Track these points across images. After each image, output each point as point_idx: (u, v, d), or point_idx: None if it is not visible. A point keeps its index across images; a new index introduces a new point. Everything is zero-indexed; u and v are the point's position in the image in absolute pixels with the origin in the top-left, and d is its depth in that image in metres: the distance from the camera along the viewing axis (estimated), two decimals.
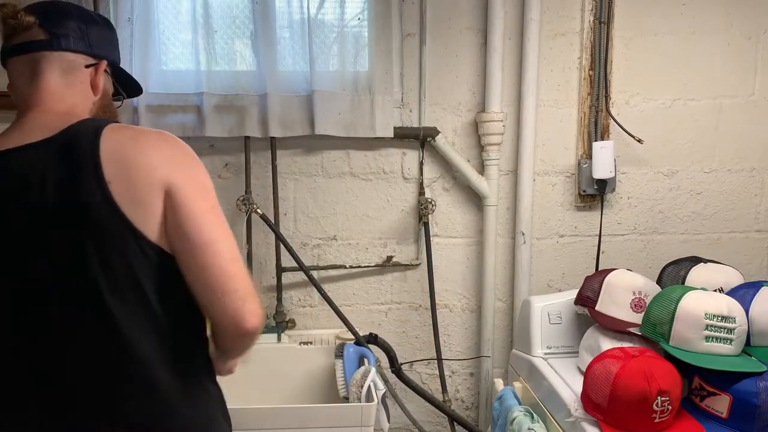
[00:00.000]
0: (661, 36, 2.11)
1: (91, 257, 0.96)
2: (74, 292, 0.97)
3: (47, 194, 0.96)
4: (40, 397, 0.99)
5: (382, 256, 2.16)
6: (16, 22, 1.05)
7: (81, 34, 1.09)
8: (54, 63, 1.07)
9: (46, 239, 0.97)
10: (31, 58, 1.06)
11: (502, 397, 1.79)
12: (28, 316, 0.99)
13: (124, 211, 0.96)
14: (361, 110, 2.01)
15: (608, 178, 2.10)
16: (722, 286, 1.68)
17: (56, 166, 0.97)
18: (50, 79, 1.07)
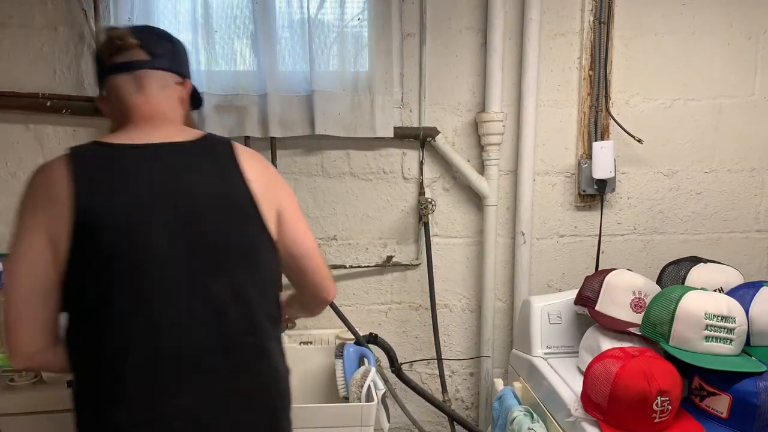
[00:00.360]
0: (661, 36, 2.12)
1: (231, 234, 1.17)
2: (212, 262, 1.15)
3: (200, 181, 1.17)
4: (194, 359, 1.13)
5: (382, 256, 2.16)
6: (122, 43, 1.22)
7: (172, 55, 1.28)
8: (153, 80, 1.24)
9: (196, 216, 1.15)
10: (135, 75, 1.23)
11: (502, 397, 1.79)
12: (165, 281, 1.13)
13: (258, 204, 1.20)
14: (361, 110, 2.01)
15: (608, 178, 2.10)
16: (722, 286, 1.68)
17: (207, 161, 1.19)
18: (153, 92, 1.24)
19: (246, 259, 1.19)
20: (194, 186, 1.16)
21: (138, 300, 1.10)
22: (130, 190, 1.12)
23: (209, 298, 1.14)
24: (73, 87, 1.97)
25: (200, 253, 1.14)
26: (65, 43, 1.96)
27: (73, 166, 1.12)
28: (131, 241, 1.10)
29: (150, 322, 1.11)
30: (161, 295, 1.11)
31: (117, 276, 1.09)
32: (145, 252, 1.11)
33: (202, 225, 1.15)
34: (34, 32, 1.95)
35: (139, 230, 1.11)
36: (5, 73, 1.95)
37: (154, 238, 1.11)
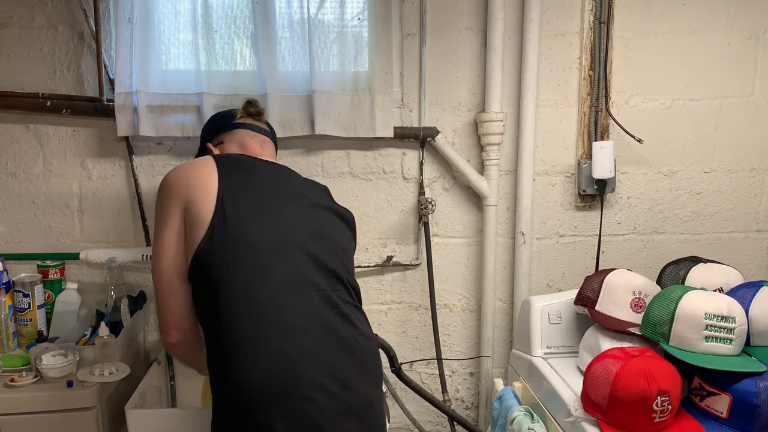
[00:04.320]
0: (661, 36, 2.12)
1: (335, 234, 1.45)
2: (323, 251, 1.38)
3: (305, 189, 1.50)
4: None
5: (382, 256, 2.16)
6: (259, 110, 1.67)
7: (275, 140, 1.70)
8: (271, 146, 1.65)
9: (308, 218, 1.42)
10: (261, 138, 1.62)
11: (502, 397, 1.79)
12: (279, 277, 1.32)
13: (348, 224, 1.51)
14: (361, 110, 2.01)
15: (608, 178, 2.10)
16: (722, 286, 1.68)
17: (304, 178, 1.55)
18: (270, 151, 1.64)
19: (341, 248, 1.42)
20: (310, 193, 1.48)
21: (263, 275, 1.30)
22: (256, 175, 1.42)
23: (322, 263, 1.34)
24: (73, 87, 1.97)
25: (315, 236, 1.37)
26: (65, 43, 1.96)
27: (215, 159, 1.41)
28: (262, 228, 1.33)
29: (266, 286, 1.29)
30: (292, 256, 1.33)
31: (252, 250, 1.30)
32: (278, 221, 1.35)
33: (309, 222, 1.40)
34: (34, 32, 1.95)
35: (268, 202, 1.37)
36: (5, 73, 1.95)
37: (283, 211, 1.38)
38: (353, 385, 1.27)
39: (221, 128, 1.61)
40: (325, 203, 1.48)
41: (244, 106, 1.63)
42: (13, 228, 2.02)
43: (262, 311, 1.25)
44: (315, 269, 1.32)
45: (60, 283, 1.94)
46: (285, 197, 1.41)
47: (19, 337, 1.82)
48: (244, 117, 1.62)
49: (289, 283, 1.29)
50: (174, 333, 1.33)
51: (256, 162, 1.48)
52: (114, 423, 1.68)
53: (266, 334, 1.23)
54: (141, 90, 1.90)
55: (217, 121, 1.66)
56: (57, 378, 1.63)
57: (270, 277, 1.28)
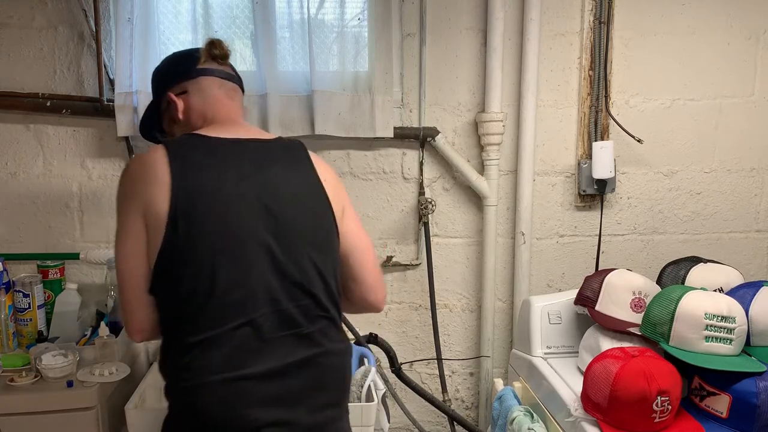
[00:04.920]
0: (661, 36, 2.12)
1: (310, 222, 1.27)
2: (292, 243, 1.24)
3: (281, 174, 1.28)
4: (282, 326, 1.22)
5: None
6: (224, 52, 1.38)
7: None
8: (240, 96, 1.42)
9: (279, 203, 1.25)
10: (230, 86, 1.39)
11: (502, 397, 1.79)
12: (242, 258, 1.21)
13: (330, 200, 1.30)
14: (361, 110, 2.01)
15: (608, 178, 2.10)
16: (722, 286, 1.68)
17: (286, 157, 1.32)
18: (239, 104, 1.40)
19: (322, 247, 1.27)
20: (278, 179, 1.26)
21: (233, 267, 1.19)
22: (223, 177, 1.22)
23: (289, 276, 1.22)
24: (73, 87, 1.97)
25: (283, 238, 1.23)
26: (65, 43, 1.96)
27: (169, 152, 1.21)
28: (225, 220, 1.19)
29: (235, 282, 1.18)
30: (249, 271, 1.20)
31: (211, 252, 1.17)
32: (236, 232, 1.19)
33: (286, 213, 1.24)
34: (34, 32, 1.95)
35: (230, 213, 1.20)
36: (5, 73, 1.95)
37: (244, 220, 1.20)
38: (298, 410, 1.19)
39: (184, 74, 1.37)
40: (299, 188, 1.29)
41: (207, 47, 1.37)
42: (13, 228, 2.02)
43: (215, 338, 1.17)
44: (278, 283, 1.20)
45: (60, 283, 1.94)
46: (250, 196, 1.22)
47: (19, 337, 1.82)
48: (208, 61, 1.37)
49: (242, 302, 1.18)
50: (138, 336, 1.25)
51: (217, 148, 1.26)
52: (114, 423, 1.67)
53: (218, 364, 1.16)
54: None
55: (179, 65, 1.40)
56: (57, 378, 1.63)
57: (224, 297, 1.17)
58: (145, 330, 1.23)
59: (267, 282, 1.20)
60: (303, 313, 1.23)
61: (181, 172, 1.19)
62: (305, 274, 1.24)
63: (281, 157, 1.31)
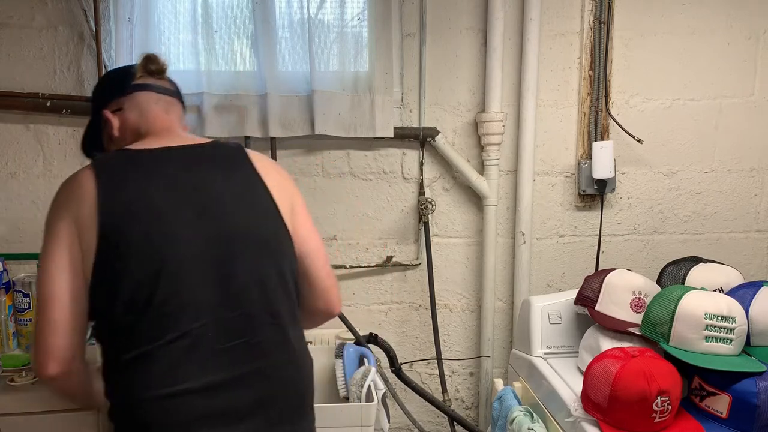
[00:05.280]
0: (661, 36, 2.12)
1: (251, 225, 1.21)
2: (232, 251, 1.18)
3: (216, 177, 1.22)
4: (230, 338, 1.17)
5: (382, 256, 2.16)
6: (159, 67, 1.36)
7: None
8: (178, 110, 1.37)
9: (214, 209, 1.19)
10: (166, 99, 1.35)
11: (502, 397, 1.79)
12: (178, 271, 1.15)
13: (274, 198, 1.24)
14: (361, 110, 2.01)
15: (608, 178, 2.10)
16: (722, 286, 1.68)
17: (221, 159, 1.26)
18: (177, 116, 1.36)
19: (267, 249, 1.21)
20: (211, 181, 1.21)
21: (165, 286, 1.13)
22: (151, 187, 1.17)
23: (230, 283, 1.16)
24: (73, 87, 1.97)
25: (221, 242, 1.17)
26: (65, 43, 1.96)
27: (96, 170, 1.17)
28: (155, 232, 1.14)
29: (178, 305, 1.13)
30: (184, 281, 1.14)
31: (145, 265, 1.12)
32: (168, 243, 1.14)
33: (221, 215, 1.19)
34: (34, 32, 1.95)
35: (161, 223, 1.14)
36: (5, 73, 1.95)
37: (175, 229, 1.15)
38: (245, 428, 1.15)
39: (120, 90, 1.34)
40: (237, 189, 1.22)
41: (143, 62, 1.35)
42: (13, 228, 2.02)
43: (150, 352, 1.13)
44: (217, 291, 1.15)
45: None
46: (182, 204, 1.17)
47: (19, 337, 1.82)
48: (144, 77, 1.34)
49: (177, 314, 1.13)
50: (53, 365, 1.12)
51: (145, 159, 1.21)
52: None
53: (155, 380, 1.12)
54: None
55: (114, 81, 1.39)
56: None
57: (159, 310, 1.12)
58: (64, 359, 1.12)
59: (205, 291, 1.14)
60: (248, 322, 1.17)
61: (107, 189, 1.15)
62: (249, 280, 1.17)
63: (215, 160, 1.25)
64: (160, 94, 1.34)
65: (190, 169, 1.22)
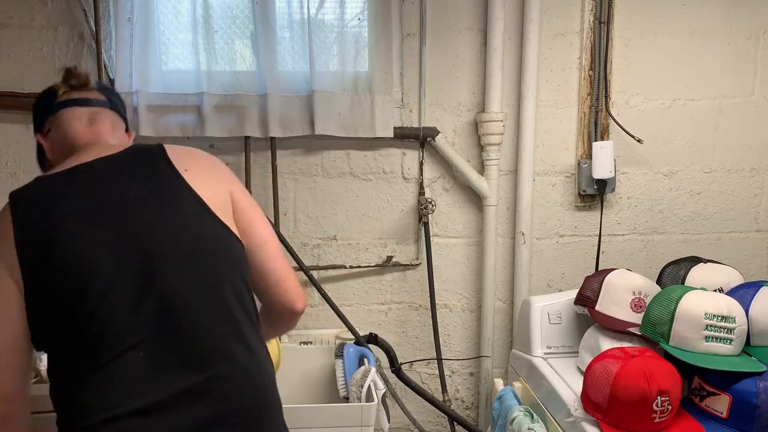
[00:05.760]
0: (661, 36, 2.12)
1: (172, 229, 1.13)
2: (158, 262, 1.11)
3: (130, 186, 1.15)
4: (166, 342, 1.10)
5: (382, 256, 2.16)
6: (83, 81, 1.30)
7: (122, 105, 1.37)
8: (108, 118, 1.31)
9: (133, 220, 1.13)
10: (90, 111, 1.29)
11: (502, 397, 1.79)
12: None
13: (197, 193, 1.16)
14: (361, 110, 2.01)
15: (608, 178, 2.10)
16: (722, 286, 1.68)
17: (135, 166, 1.18)
18: (104, 129, 1.29)
19: (197, 254, 1.13)
20: (126, 191, 1.14)
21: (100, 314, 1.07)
22: (64, 212, 1.11)
23: (160, 297, 1.09)
24: None
25: (144, 255, 1.10)
26: (65, 43, 1.96)
27: (12, 206, 1.13)
28: (74, 259, 1.08)
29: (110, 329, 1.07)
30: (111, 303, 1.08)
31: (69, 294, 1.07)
32: (88, 268, 1.08)
33: (140, 227, 1.11)
34: (34, 32, 1.95)
35: (78, 248, 1.08)
36: (5, 73, 1.95)
37: (94, 252, 1.09)
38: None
39: (46, 111, 1.30)
40: (154, 192, 1.15)
41: (64, 78, 1.30)
42: None
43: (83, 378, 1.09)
44: (143, 305, 1.08)
45: None
46: (98, 221, 1.11)
47: None
48: (67, 92, 1.29)
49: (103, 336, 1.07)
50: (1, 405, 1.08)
51: (58, 183, 1.15)
52: None
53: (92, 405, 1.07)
54: (141, 90, 1.90)
55: (42, 103, 1.33)
56: None
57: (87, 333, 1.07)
58: (10, 399, 1.09)
59: (134, 309, 1.07)
60: (184, 336, 1.09)
61: (23, 224, 1.10)
62: (179, 290, 1.10)
63: (132, 168, 1.18)
64: (82, 108, 1.29)
65: (105, 184, 1.15)
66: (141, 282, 1.09)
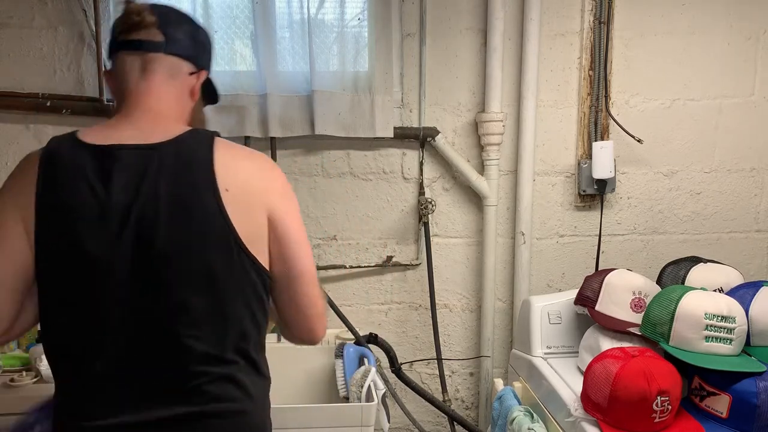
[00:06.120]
0: (661, 36, 2.12)
1: (183, 251, 1.03)
2: (158, 281, 1.04)
3: (156, 191, 1.03)
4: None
5: (382, 256, 2.16)
6: (139, 19, 1.10)
7: (191, 42, 1.16)
8: (164, 65, 1.13)
9: (146, 231, 1.03)
10: (144, 57, 1.12)
11: (502, 397, 1.79)
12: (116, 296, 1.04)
13: (227, 215, 1.04)
14: (361, 110, 2.01)
15: (608, 178, 2.10)
16: (722, 286, 1.68)
17: (172, 166, 1.05)
18: (158, 79, 1.12)
19: (201, 278, 1.04)
20: (149, 196, 1.03)
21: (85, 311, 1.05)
22: (80, 195, 1.04)
23: (151, 316, 1.04)
24: (73, 87, 1.97)
25: (146, 272, 1.03)
26: (65, 43, 1.96)
27: (41, 159, 1.08)
28: (73, 251, 1.03)
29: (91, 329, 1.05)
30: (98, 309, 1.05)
31: (63, 284, 1.05)
32: (85, 266, 1.03)
33: (155, 241, 1.03)
34: (34, 32, 1.95)
35: (80, 242, 1.03)
36: (5, 73, 1.95)
37: (94, 251, 1.03)
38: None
39: (109, 50, 1.16)
40: (179, 207, 1.03)
41: (122, 17, 1.13)
42: None
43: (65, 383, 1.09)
44: (136, 327, 1.04)
45: None
46: (110, 224, 1.03)
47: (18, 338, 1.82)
48: (124, 33, 1.12)
49: (87, 348, 1.05)
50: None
51: (90, 168, 1.05)
52: None
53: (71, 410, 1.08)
54: None
55: (110, 39, 1.17)
56: None
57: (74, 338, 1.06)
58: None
59: (123, 327, 1.03)
60: (168, 362, 1.04)
61: (44, 185, 1.05)
62: (175, 313, 1.03)
63: (164, 168, 1.04)
64: (135, 54, 1.12)
65: (130, 181, 1.04)
66: (134, 295, 1.03)
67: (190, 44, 1.16)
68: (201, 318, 1.05)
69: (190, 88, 1.17)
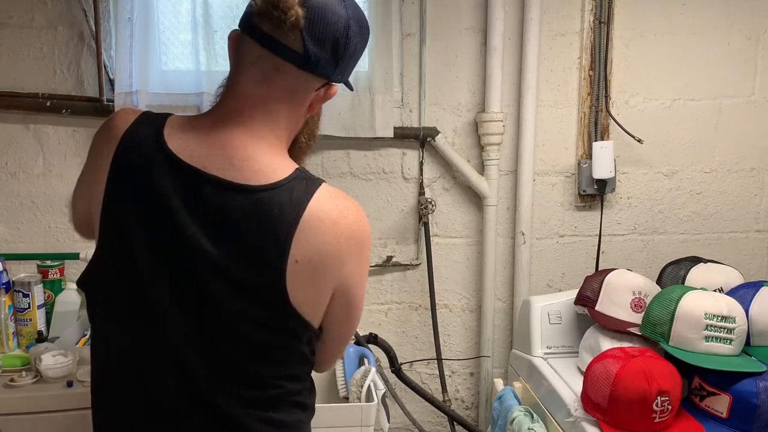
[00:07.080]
0: (661, 36, 2.12)
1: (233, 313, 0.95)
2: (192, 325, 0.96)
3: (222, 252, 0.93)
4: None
5: (382, 256, 2.16)
6: (284, 17, 0.91)
7: (333, 59, 0.97)
8: (289, 78, 0.96)
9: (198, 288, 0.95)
10: (272, 60, 0.95)
11: (502, 397, 1.79)
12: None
13: (289, 293, 0.94)
14: (361, 110, 2.01)
15: (608, 178, 2.10)
16: (722, 286, 1.68)
17: (247, 223, 0.92)
18: (276, 94, 0.97)
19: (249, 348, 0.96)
20: (212, 254, 0.93)
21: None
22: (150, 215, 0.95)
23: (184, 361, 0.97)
24: (73, 87, 1.97)
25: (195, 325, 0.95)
26: (65, 43, 1.96)
27: (119, 150, 0.97)
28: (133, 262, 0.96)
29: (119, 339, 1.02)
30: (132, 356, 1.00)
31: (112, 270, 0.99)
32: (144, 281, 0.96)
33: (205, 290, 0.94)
34: (34, 32, 1.95)
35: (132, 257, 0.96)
36: (5, 73, 1.95)
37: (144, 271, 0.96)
38: None
39: (240, 20, 1.05)
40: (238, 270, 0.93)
41: (266, 4, 0.95)
42: (13, 228, 2.02)
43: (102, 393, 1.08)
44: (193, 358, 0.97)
45: (60, 283, 1.94)
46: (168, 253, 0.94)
47: (18, 337, 1.82)
48: (256, 17, 0.98)
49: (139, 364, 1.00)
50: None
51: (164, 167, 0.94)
52: None
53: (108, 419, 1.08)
54: (141, 90, 1.90)
55: (248, 6, 1.03)
56: (57, 378, 1.63)
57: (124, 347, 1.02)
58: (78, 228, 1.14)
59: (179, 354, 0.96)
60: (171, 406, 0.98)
61: (121, 167, 0.96)
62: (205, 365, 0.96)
63: (238, 227, 0.93)
64: (260, 48, 0.95)
65: (199, 224, 0.93)
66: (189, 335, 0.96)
67: (332, 60, 0.97)
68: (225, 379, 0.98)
69: (312, 101, 1.02)
